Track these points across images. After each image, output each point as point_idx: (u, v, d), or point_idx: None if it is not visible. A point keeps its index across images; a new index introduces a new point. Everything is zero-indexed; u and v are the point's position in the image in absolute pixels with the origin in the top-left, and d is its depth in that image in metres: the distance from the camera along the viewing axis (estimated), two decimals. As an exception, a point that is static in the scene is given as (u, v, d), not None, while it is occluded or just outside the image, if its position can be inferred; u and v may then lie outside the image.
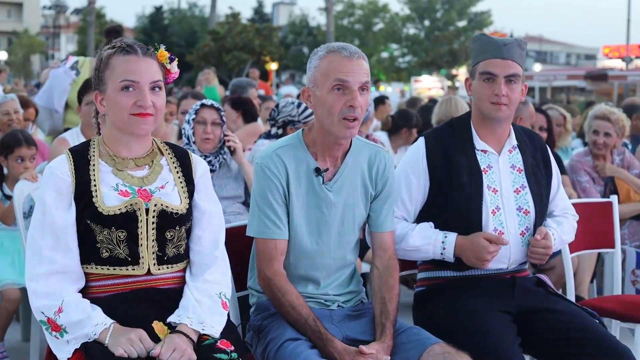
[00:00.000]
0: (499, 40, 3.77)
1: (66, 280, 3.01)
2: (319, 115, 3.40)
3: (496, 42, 3.76)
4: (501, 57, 3.74)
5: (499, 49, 3.74)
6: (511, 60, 3.74)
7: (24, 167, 5.45)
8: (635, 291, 6.13)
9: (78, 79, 7.32)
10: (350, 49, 3.38)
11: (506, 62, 3.73)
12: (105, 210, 3.02)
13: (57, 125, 7.47)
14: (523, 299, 3.73)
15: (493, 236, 3.68)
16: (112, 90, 3.08)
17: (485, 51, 3.78)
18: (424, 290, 3.91)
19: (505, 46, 3.74)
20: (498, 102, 3.73)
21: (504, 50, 3.74)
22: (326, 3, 45.29)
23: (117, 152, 3.16)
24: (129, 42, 3.15)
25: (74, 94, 6.84)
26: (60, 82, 7.34)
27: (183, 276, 3.20)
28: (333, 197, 3.46)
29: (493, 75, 3.74)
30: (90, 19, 45.87)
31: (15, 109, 6.91)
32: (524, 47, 3.82)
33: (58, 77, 7.37)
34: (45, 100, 7.42)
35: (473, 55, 3.90)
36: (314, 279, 3.51)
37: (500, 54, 3.74)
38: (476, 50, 3.86)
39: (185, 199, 3.19)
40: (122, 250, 3.05)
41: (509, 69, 3.73)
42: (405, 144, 8.55)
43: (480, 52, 3.81)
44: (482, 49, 3.80)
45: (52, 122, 7.54)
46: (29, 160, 5.48)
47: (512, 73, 3.74)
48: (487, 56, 3.77)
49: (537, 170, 3.91)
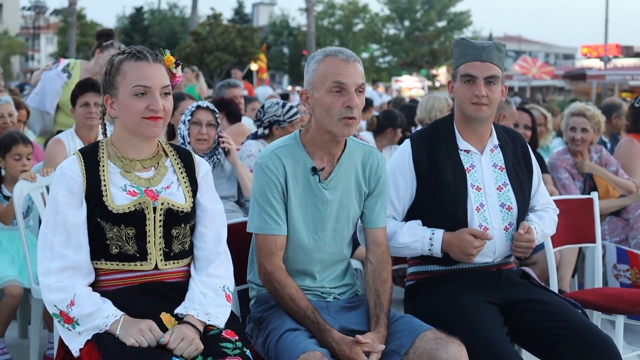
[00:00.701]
0: (477, 44, 3.97)
1: (77, 275, 3.16)
2: (318, 116, 3.57)
3: (475, 45, 3.97)
4: (480, 60, 3.94)
5: (478, 52, 3.94)
6: (490, 62, 3.94)
7: (22, 164, 5.54)
8: (619, 285, 6.31)
9: (69, 81, 7.41)
10: (346, 52, 3.56)
11: (485, 65, 3.93)
12: (115, 209, 3.18)
13: (48, 127, 7.55)
14: (509, 291, 3.92)
15: (478, 232, 3.87)
16: (124, 95, 3.23)
17: (465, 54, 3.98)
18: (414, 283, 4.08)
19: (484, 49, 3.94)
20: (478, 102, 3.92)
21: (483, 53, 3.94)
22: (307, 4, 45.33)
23: (126, 153, 3.32)
24: (138, 48, 3.31)
25: (65, 96, 6.94)
26: (53, 85, 7.41)
27: (188, 270, 3.37)
28: (329, 195, 3.63)
29: (473, 77, 3.94)
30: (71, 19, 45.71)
31: (10, 112, 6.98)
32: (502, 49, 4.02)
33: (50, 79, 7.44)
34: (37, 102, 7.47)
35: (454, 58, 4.09)
36: (310, 273, 3.69)
37: (480, 56, 3.94)
38: (457, 54, 4.05)
39: (190, 197, 3.36)
40: (131, 247, 3.21)
41: (487, 70, 3.93)
42: (390, 143, 8.72)
43: (461, 56, 4.01)
44: (462, 52, 4.00)
45: (43, 123, 7.62)
46: (26, 158, 5.57)
47: (490, 75, 3.93)
48: (467, 59, 3.97)
49: (518, 168, 4.10)
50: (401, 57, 54.36)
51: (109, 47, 7.58)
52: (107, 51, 7.58)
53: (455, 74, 4.04)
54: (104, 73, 3.32)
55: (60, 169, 3.26)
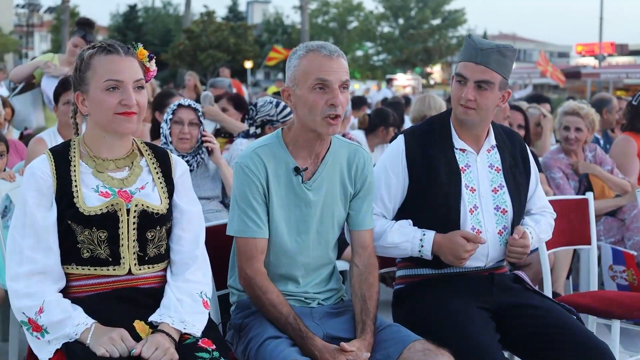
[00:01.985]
0: (478, 44, 3.77)
1: (47, 280, 3.01)
2: (300, 114, 3.42)
3: (475, 45, 3.77)
4: (474, 62, 3.75)
5: (475, 53, 3.76)
6: (484, 66, 3.74)
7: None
8: (616, 286, 6.18)
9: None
10: (329, 47, 3.40)
11: (478, 67, 3.74)
12: (87, 210, 3.03)
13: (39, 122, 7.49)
14: (501, 296, 3.77)
15: (471, 235, 3.71)
16: (96, 90, 3.08)
17: (464, 53, 3.81)
18: (403, 287, 3.93)
19: (482, 52, 3.74)
20: (465, 104, 3.76)
21: (479, 55, 3.74)
22: (301, 1, 45.27)
23: (98, 152, 3.16)
24: (109, 42, 3.15)
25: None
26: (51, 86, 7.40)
27: (164, 275, 3.21)
28: (312, 196, 3.48)
29: (464, 77, 3.77)
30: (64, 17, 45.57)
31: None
32: (505, 54, 3.78)
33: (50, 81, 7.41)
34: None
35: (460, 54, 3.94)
36: (293, 278, 3.53)
37: (475, 58, 3.75)
38: (462, 50, 3.89)
39: (165, 199, 3.20)
40: (102, 251, 3.05)
41: (480, 74, 3.74)
42: (382, 142, 8.59)
43: (462, 53, 3.85)
44: (464, 49, 3.84)
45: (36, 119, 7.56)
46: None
47: (482, 79, 3.74)
48: (464, 58, 3.80)
49: (516, 170, 3.95)
50: (395, 55, 54.27)
51: (74, 35, 7.56)
52: (72, 39, 7.57)
53: (456, 69, 3.90)
54: (74, 69, 3.17)
55: (30, 169, 3.10)
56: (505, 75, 3.81)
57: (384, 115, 8.67)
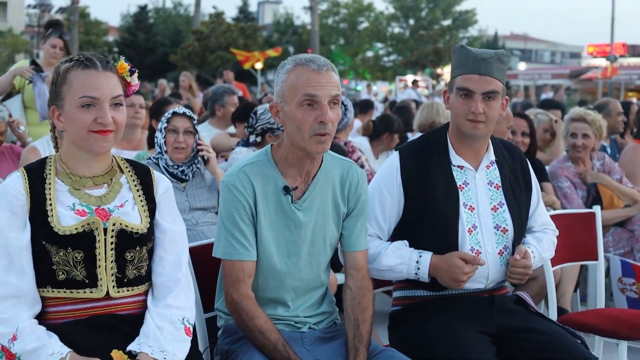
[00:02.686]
0: (478, 54, 3.61)
1: (21, 305, 2.86)
2: (289, 131, 3.25)
3: (475, 56, 3.60)
4: (479, 73, 3.58)
5: (477, 64, 3.59)
6: (489, 76, 3.58)
7: None
8: (625, 299, 6.03)
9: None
10: (318, 61, 3.23)
11: (484, 79, 3.58)
12: (61, 230, 2.88)
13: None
14: (502, 319, 3.60)
15: (469, 256, 3.54)
16: (71, 107, 2.93)
17: (463, 65, 3.63)
18: (399, 309, 3.77)
19: (484, 61, 3.58)
20: (474, 119, 3.58)
21: (482, 65, 3.58)
22: (310, 2, 45.10)
23: (75, 170, 3.01)
24: (87, 56, 3.00)
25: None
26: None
27: (144, 300, 3.05)
28: (302, 216, 3.32)
29: (470, 91, 3.59)
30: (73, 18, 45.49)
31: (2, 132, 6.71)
32: (504, 60, 3.66)
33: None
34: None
35: (452, 67, 3.74)
36: (283, 301, 3.37)
37: (478, 69, 3.58)
38: (455, 63, 3.70)
39: (146, 217, 3.04)
40: (79, 272, 2.90)
41: (486, 85, 3.58)
42: (387, 149, 8.42)
43: (459, 65, 3.66)
44: (460, 62, 3.65)
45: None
46: None
47: (489, 90, 3.59)
48: (465, 70, 3.62)
49: (516, 186, 3.78)
50: (406, 56, 54.04)
51: (50, 37, 7.48)
52: (49, 40, 7.48)
53: (452, 84, 3.69)
54: (51, 83, 3.02)
55: (2, 188, 2.95)
56: (504, 82, 3.68)
57: (388, 122, 8.49)
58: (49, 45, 7.54)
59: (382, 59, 60.80)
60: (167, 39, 58.04)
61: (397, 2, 60.75)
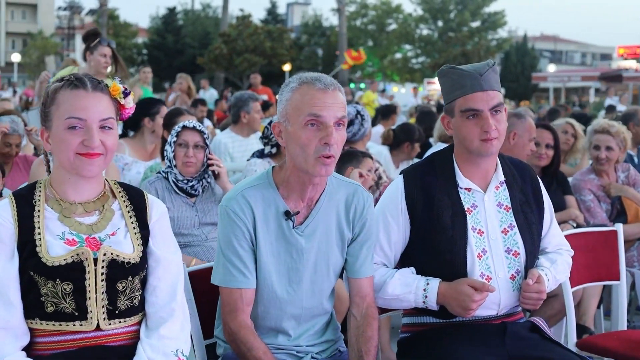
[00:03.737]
0: (472, 71, 3.44)
1: (8, 337, 2.74)
2: (291, 152, 3.11)
3: (471, 74, 3.43)
4: (481, 90, 3.42)
5: (476, 81, 3.42)
6: (491, 90, 3.43)
7: None
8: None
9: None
10: (325, 80, 3.09)
11: (487, 94, 3.42)
12: (50, 260, 2.75)
13: None
14: (515, 348, 3.43)
15: (478, 283, 3.38)
16: (58, 128, 2.81)
17: (461, 86, 3.46)
18: (408, 336, 3.62)
19: (482, 76, 3.42)
20: (488, 137, 3.42)
21: (483, 81, 3.42)
22: (338, 4, 44.98)
23: (65, 195, 2.89)
24: (78, 76, 2.87)
25: None
26: None
27: (136, 330, 2.92)
28: (304, 242, 3.18)
29: (477, 111, 3.43)
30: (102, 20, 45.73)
31: (17, 144, 6.66)
32: (496, 69, 3.51)
33: None
34: None
35: (444, 90, 3.56)
36: (284, 330, 3.24)
37: (480, 86, 3.42)
38: (448, 85, 3.52)
39: (139, 246, 2.91)
40: (68, 304, 2.77)
41: (491, 100, 3.42)
42: (408, 158, 8.26)
43: (455, 87, 3.48)
44: (456, 83, 3.48)
45: None
46: None
47: (495, 104, 3.43)
48: (465, 91, 3.44)
49: (527, 207, 3.61)
50: (434, 58, 53.73)
51: (97, 46, 7.43)
52: (97, 51, 7.43)
53: (451, 108, 3.51)
54: (41, 103, 2.90)
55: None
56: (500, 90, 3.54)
57: (409, 130, 8.32)
58: (99, 55, 7.52)
59: (410, 61, 60.51)
60: (196, 40, 58.14)
61: (426, 4, 60.43)
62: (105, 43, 7.55)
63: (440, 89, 3.74)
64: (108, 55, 7.54)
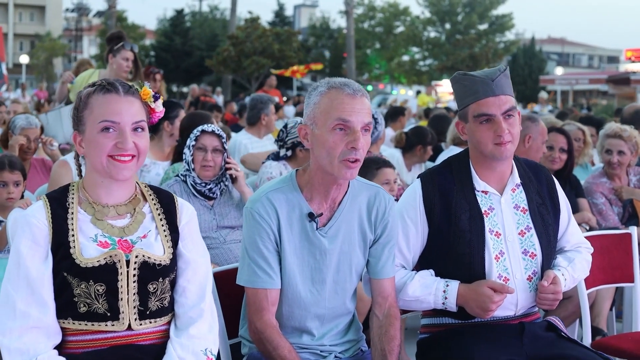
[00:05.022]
0: (485, 77, 3.52)
1: (41, 336, 2.81)
2: (317, 155, 3.19)
3: (483, 80, 3.52)
4: (493, 95, 3.50)
5: (488, 87, 3.50)
6: (503, 95, 3.52)
7: (7, 192, 5.29)
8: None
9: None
10: (353, 86, 3.17)
11: (499, 99, 3.51)
12: (83, 262, 2.83)
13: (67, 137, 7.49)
14: (533, 347, 3.50)
15: (498, 285, 3.46)
16: (91, 131, 2.89)
17: (473, 92, 3.54)
18: (427, 337, 3.69)
19: (494, 82, 3.50)
20: (502, 142, 3.49)
21: (495, 86, 3.50)
22: (346, 6, 45.01)
23: (97, 198, 2.97)
24: (110, 81, 2.95)
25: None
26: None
27: (166, 330, 2.99)
28: (328, 243, 3.26)
29: (490, 115, 3.51)
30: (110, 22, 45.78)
31: (35, 137, 6.76)
32: (507, 74, 3.59)
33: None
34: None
35: (458, 96, 3.64)
36: (308, 330, 3.32)
37: (492, 91, 3.50)
38: (461, 92, 3.61)
39: (169, 248, 2.99)
40: (100, 305, 2.85)
41: (504, 105, 3.51)
42: (420, 161, 8.34)
43: (468, 93, 3.57)
44: (468, 89, 3.56)
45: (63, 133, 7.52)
46: (13, 185, 5.30)
47: (508, 108, 3.51)
48: (478, 97, 3.53)
49: (543, 208, 3.68)
50: (442, 61, 53.71)
51: (121, 50, 7.60)
52: (120, 54, 7.58)
53: (465, 114, 3.60)
54: (73, 107, 2.98)
55: (24, 217, 2.90)
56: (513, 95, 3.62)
57: (421, 134, 8.40)
58: (122, 58, 7.65)
59: (417, 63, 60.50)
60: (204, 42, 58.20)
61: (433, 7, 60.37)
62: (128, 47, 7.69)
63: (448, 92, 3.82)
64: (130, 59, 7.67)
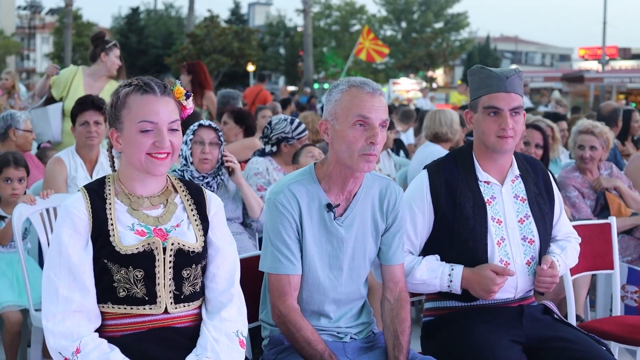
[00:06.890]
0: (501, 74, 3.79)
1: (83, 320, 2.98)
2: (337, 149, 3.40)
3: (498, 76, 3.79)
4: (505, 91, 3.77)
5: (502, 82, 3.77)
6: (514, 93, 3.78)
7: (12, 188, 5.44)
8: (624, 307, 6.14)
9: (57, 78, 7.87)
10: (372, 85, 3.40)
11: (510, 96, 3.77)
12: (123, 249, 3.01)
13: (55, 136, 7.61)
14: (531, 328, 3.76)
15: (499, 268, 3.72)
16: (130, 130, 3.06)
17: (487, 85, 3.81)
18: (432, 320, 3.93)
19: (508, 79, 3.77)
20: (504, 135, 3.76)
21: (507, 84, 3.77)
22: (304, 5, 45.19)
23: (133, 189, 3.15)
24: (146, 80, 3.13)
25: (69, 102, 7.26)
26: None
27: (198, 313, 3.18)
28: (344, 232, 3.48)
29: (498, 109, 3.78)
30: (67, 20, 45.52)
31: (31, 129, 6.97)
32: (522, 76, 3.88)
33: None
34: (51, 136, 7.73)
35: (472, 88, 3.91)
36: (325, 313, 3.53)
37: (504, 87, 3.77)
38: (476, 83, 3.88)
39: (201, 236, 3.19)
40: (139, 290, 3.03)
41: (513, 102, 3.77)
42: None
43: (482, 86, 3.84)
44: (483, 82, 3.83)
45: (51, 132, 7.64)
46: (17, 182, 5.45)
47: (516, 106, 3.78)
48: (490, 90, 3.80)
49: (540, 198, 3.96)
50: (399, 59, 54.09)
51: (113, 48, 7.92)
52: (112, 52, 7.88)
53: (475, 104, 3.87)
54: (109, 105, 3.16)
55: (65, 207, 3.07)
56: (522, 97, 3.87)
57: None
58: (114, 56, 7.90)
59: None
60: (159, 40, 57.97)
61: (389, 5, 60.75)
62: (118, 46, 8.00)
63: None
64: (120, 58, 7.93)
